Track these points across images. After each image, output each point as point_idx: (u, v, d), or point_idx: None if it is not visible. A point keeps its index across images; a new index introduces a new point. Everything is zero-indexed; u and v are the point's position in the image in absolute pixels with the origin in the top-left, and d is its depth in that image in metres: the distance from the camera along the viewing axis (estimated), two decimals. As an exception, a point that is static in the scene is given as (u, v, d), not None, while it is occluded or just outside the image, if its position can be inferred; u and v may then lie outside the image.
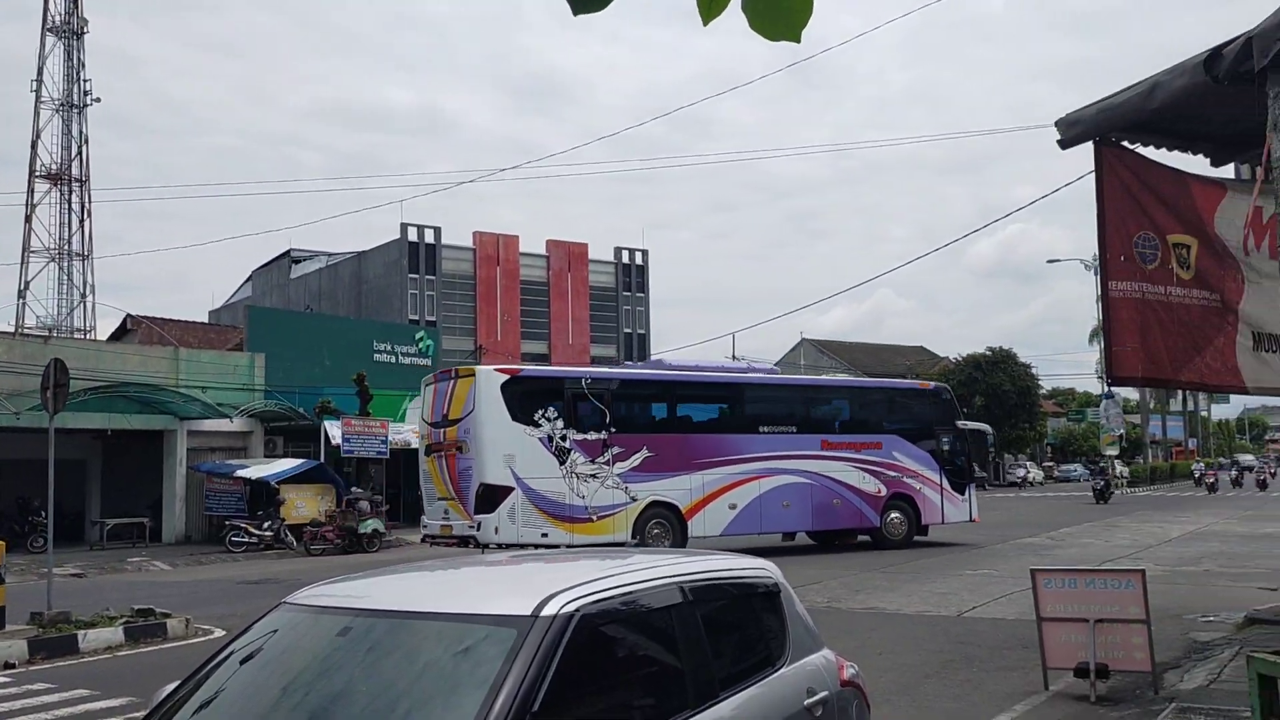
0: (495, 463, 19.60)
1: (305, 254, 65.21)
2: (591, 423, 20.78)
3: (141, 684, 9.80)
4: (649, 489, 21.06)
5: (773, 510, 22.52)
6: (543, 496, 19.92)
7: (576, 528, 20.10)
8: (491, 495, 19.51)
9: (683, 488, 21.42)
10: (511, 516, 19.55)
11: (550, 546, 19.06)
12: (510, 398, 20.02)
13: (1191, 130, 6.59)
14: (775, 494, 22.51)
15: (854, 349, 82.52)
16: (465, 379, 20.48)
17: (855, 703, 4.88)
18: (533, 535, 19.64)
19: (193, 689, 3.71)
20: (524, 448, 19.85)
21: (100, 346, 33.65)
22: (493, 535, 19.37)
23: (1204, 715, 7.77)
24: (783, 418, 23.33)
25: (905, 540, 23.73)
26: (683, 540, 21.23)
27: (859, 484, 23.45)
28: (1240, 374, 6.73)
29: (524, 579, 4.41)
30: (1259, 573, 17.29)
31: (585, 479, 20.40)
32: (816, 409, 24.38)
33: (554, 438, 20.24)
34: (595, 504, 20.47)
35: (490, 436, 19.72)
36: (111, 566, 24.10)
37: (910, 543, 23.76)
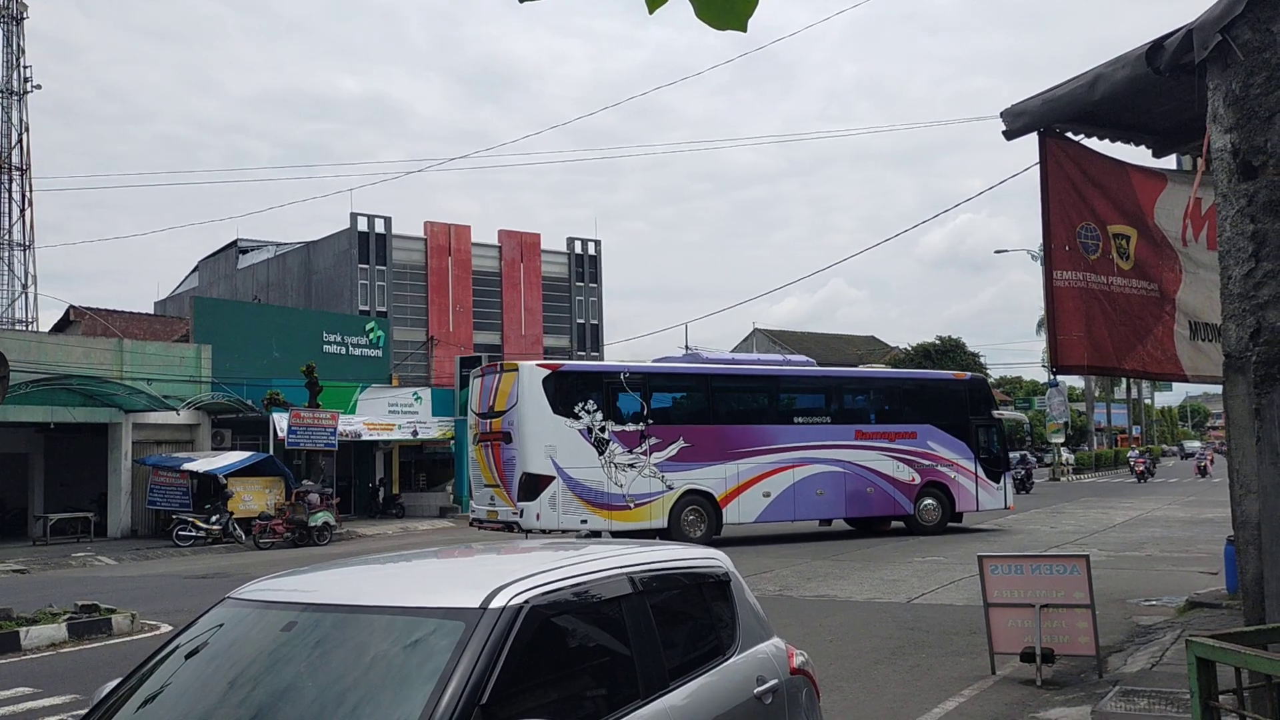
0: (537, 453, 20.70)
1: (253, 244, 64.42)
2: (629, 415, 21.75)
3: (85, 681, 9.66)
4: (685, 478, 21.91)
5: (806, 498, 23.13)
6: (582, 485, 20.98)
7: (615, 515, 21.15)
8: (534, 484, 20.62)
9: (718, 476, 22.18)
10: (552, 504, 20.66)
11: (594, 533, 20.73)
12: (551, 391, 21.07)
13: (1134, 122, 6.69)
14: (809, 482, 23.11)
15: (806, 339, 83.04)
16: (509, 373, 21.61)
17: (805, 690, 4.91)
18: (572, 522, 20.83)
19: (135, 685, 3.66)
20: (564, 439, 20.90)
21: (42, 338, 33.00)
22: (534, 522, 20.51)
23: (1147, 698, 7.91)
24: (817, 409, 23.98)
25: (939, 527, 24.15)
26: (718, 527, 22.16)
27: (892, 472, 23.91)
28: (1179, 362, 6.85)
29: (473, 571, 4.39)
30: (1200, 557, 17.63)
31: (623, 468, 21.37)
32: (850, 400, 24.74)
33: (593, 429, 21.22)
34: (632, 492, 21.41)
35: (532, 428, 20.81)
36: (55, 562, 23.67)
37: (944, 529, 24.18)
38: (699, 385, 23.55)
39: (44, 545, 27.63)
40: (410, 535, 30.40)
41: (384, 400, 37.50)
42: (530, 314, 61.88)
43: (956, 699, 8.63)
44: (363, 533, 30.40)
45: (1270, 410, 4.07)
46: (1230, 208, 4.39)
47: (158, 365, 32.02)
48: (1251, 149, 4.32)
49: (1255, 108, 4.32)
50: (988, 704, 8.43)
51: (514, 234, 62.08)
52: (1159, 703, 7.72)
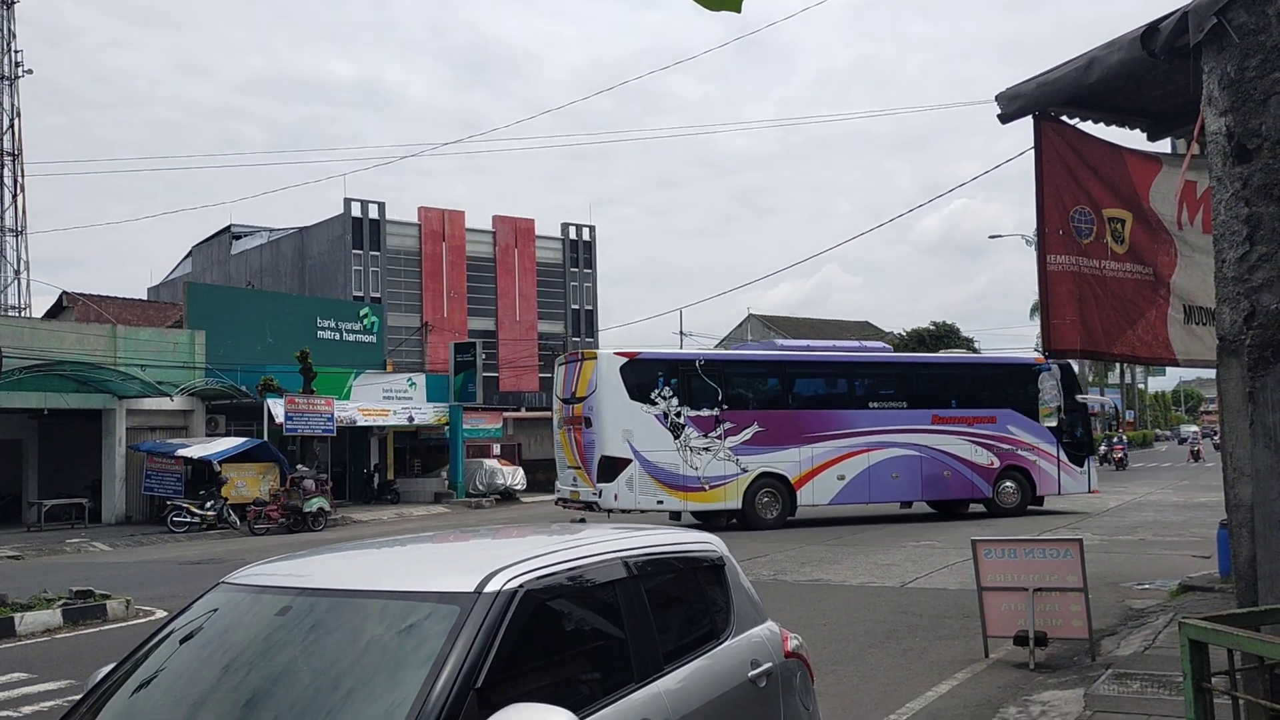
0: (615, 437, 21.81)
1: (246, 229, 64.25)
2: (705, 400, 22.45)
3: (80, 666, 9.67)
4: (759, 461, 22.60)
5: (882, 481, 23.50)
6: (658, 467, 21.97)
7: (690, 496, 22.19)
8: (611, 466, 21.82)
9: (792, 460, 22.80)
10: (629, 485, 21.81)
11: (674, 514, 22.37)
12: (629, 378, 22.11)
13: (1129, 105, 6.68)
14: (884, 466, 23.48)
15: (800, 324, 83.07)
16: (589, 361, 22.71)
17: (799, 673, 4.92)
18: (649, 502, 21.99)
19: (130, 670, 3.66)
20: (641, 423, 21.91)
21: (35, 324, 32.90)
22: (612, 502, 21.82)
23: (1139, 680, 7.95)
24: (893, 394, 24.23)
25: (1018, 509, 24.29)
26: (792, 508, 22.93)
27: (970, 456, 24.10)
28: (1171, 347, 6.86)
29: (468, 556, 4.39)
30: (1193, 541, 17.71)
31: (698, 451, 22.19)
32: (927, 385, 24.82)
33: (669, 414, 22.14)
34: (707, 474, 22.21)
35: (610, 413, 21.90)
36: (50, 548, 23.67)
37: (1024, 511, 24.32)
38: (774, 372, 24.24)
39: (38, 531, 27.61)
40: (405, 521, 30.42)
41: (378, 386, 37.47)
42: (525, 300, 61.83)
43: (950, 682, 8.66)
44: (358, 518, 30.42)
45: (1264, 394, 4.07)
46: (1225, 191, 4.38)
47: (151, 351, 31.96)
48: (1246, 132, 4.32)
49: (1250, 91, 4.32)
50: (981, 687, 8.47)
51: (508, 219, 61.97)
52: (1151, 685, 7.76)
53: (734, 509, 22.50)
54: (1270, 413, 4.04)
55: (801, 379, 24.24)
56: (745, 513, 22.41)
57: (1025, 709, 7.62)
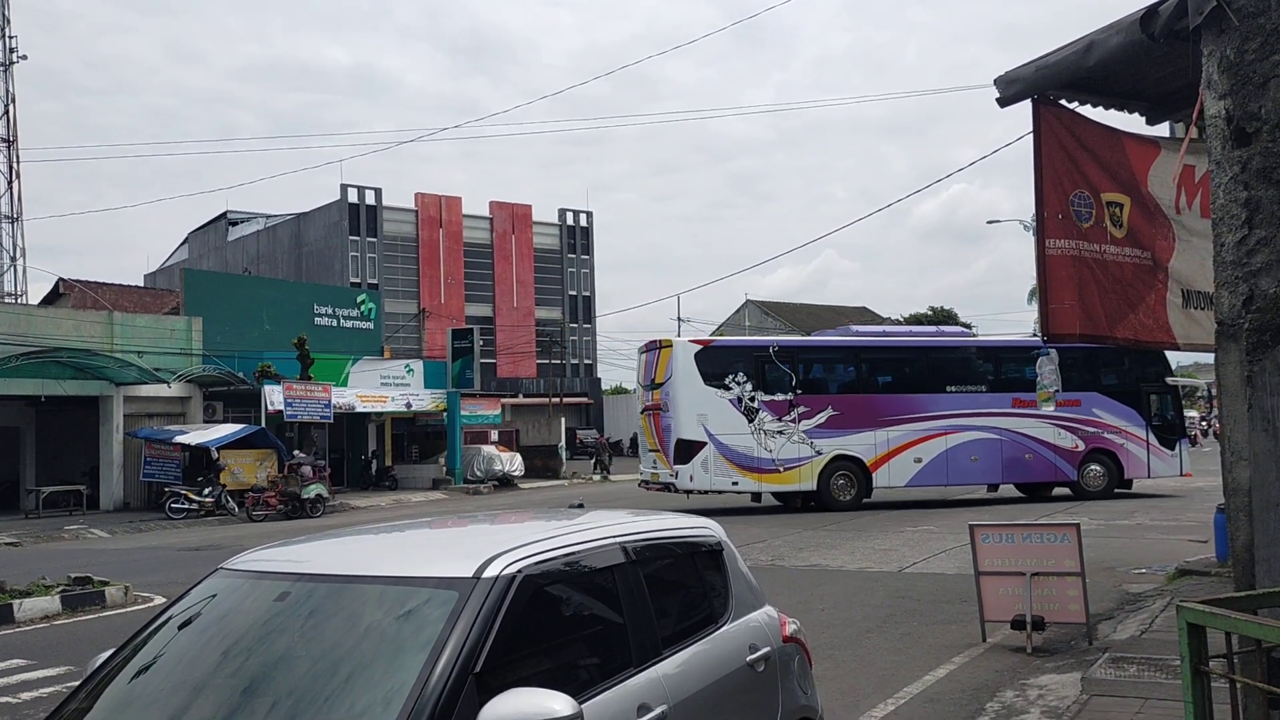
0: (689, 421, 22.66)
1: (242, 216, 64.13)
2: (779, 386, 23.10)
3: (78, 653, 9.68)
4: (834, 444, 23.16)
5: (960, 464, 23.70)
6: (732, 450, 22.69)
7: (764, 477, 22.95)
8: (687, 449, 22.65)
9: (867, 443, 23.23)
10: (704, 467, 22.64)
11: (755, 495, 23.70)
12: (703, 365, 22.90)
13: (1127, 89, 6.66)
14: (962, 449, 23.68)
15: (797, 310, 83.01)
16: (666, 349, 23.51)
17: (797, 658, 4.94)
18: (724, 483, 22.82)
19: (129, 656, 3.65)
20: (715, 408, 22.67)
21: (32, 311, 32.84)
22: (688, 483, 22.78)
23: (1136, 664, 7.97)
24: (971, 378, 24.38)
25: (1105, 492, 24.30)
26: (868, 490, 23.43)
27: (1053, 439, 24.12)
28: (1171, 331, 6.85)
29: (466, 541, 4.39)
30: (1189, 525, 17.74)
31: (772, 434, 22.85)
32: (1007, 369, 24.84)
33: (743, 399, 22.78)
34: (781, 457, 22.90)
35: (685, 399, 22.74)
36: (48, 535, 23.69)
37: (1111, 494, 24.33)
38: (849, 357, 24.61)
39: (36, 518, 27.63)
40: (403, 507, 30.45)
41: (376, 372, 37.46)
42: (522, 286, 61.80)
43: (947, 666, 8.69)
44: (356, 505, 30.45)
45: (1262, 377, 4.07)
46: (1224, 174, 4.37)
47: (148, 338, 31.92)
48: (1245, 115, 4.31)
49: (1250, 74, 4.30)
50: (978, 671, 8.49)
51: (505, 205, 61.88)
52: (1148, 669, 7.78)
53: (808, 490, 23.12)
54: (1268, 396, 4.04)
55: (877, 364, 24.48)
56: (820, 494, 22.99)
57: (1022, 693, 7.64)
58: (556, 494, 33.67)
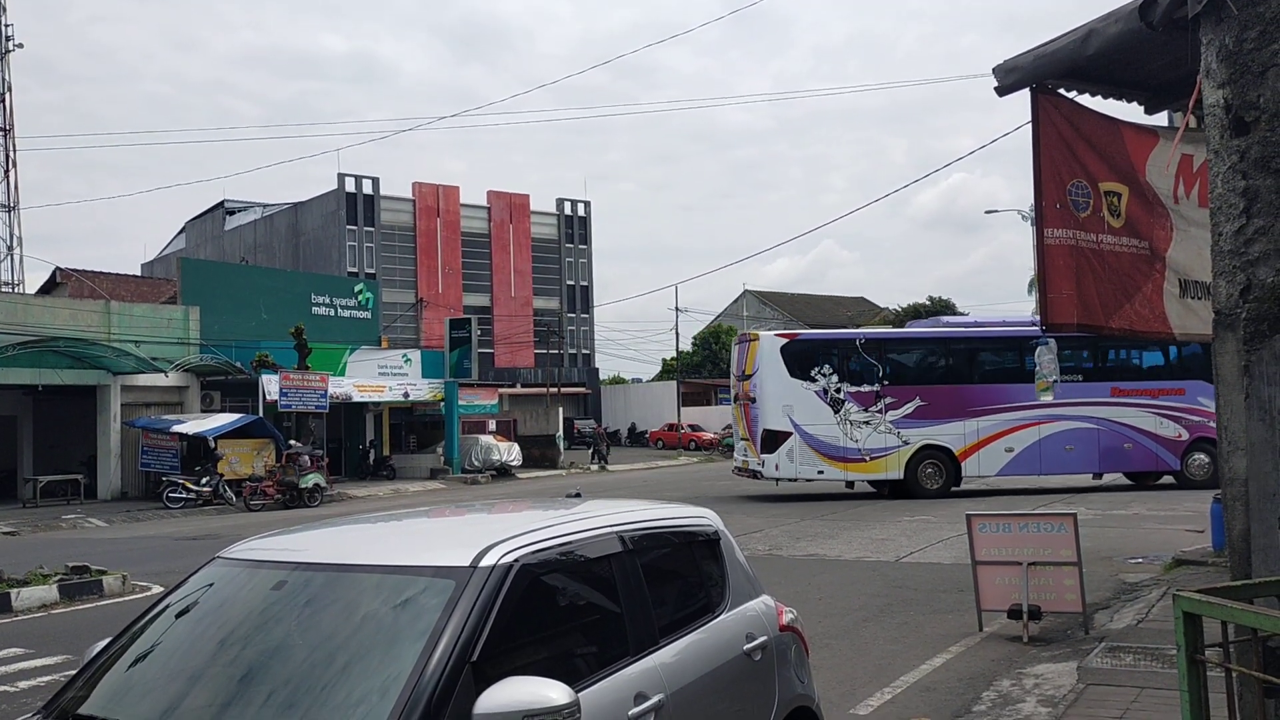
0: (775, 412, 23.43)
1: (239, 205, 63.99)
2: (865, 377, 23.66)
3: (76, 642, 9.69)
4: (921, 434, 23.54)
5: (1054, 453, 23.71)
6: (818, 440, 23.37)
7: (850, 466, 23.56)
8: (773, 439, 23.45)
9: (956, 433, 23.47)
10: (790, 456, 23.36)
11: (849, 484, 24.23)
12: (788, 358, 23.63)
13: (1126, 78, 6.62)
14: (1057, 438, 23.71)
15: (796, 300, 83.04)
16: (754, 342, 24.48)
17: (794, 647, 4.94)
18: (809, 472, 23.54)
19: (126, 644, 3.65)
20: (801, 399, 23.36)
21: (29, 300, 32.80)
22: (774, 471, 23.60)
23: (1132, 653, 7.99)
24: (1067, 368, 24.07)
25: (1211, 482, 23.82)
26: (957, 479, 23.73)
27: (1155, 429, 24.05)
28: (1168, 321, 6.83)
29: (463, 530, 4.39)
30: (1186, 515, 17.77)
31: (858, 425, 23.44)
32: (1103, 358, 24.84)
33: (829, 390, 23.45)
34: (868, 446, 23.46)
35: (770, 390, 23.50)
36: (45, 524, 23.70)
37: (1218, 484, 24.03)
38: (937, 349, 24.80)
39: (34, 507, 27.64)
40: (401, 497, 30.49)
41: (373, 362, 37.45)
42: (520, 275, 61.73)
43: (944, 655, 8.71)
44: (353, 494, 30.47)
45: (1259, 367, 4.07)
46: (1222, 164, 4.36)
47: (145, 327, 31.90)
48: (1244, 104, 4.29)
49: (1249, 63, 4.29)
50: (975, 660, 8.51)
51: (503, 195, 61.79)
52: (1144, 658, 7.80)
53: (895, 479, 23.48)
54: (1265, 386, 4.04)
55: (968, 355, 24.57)
56: (907, 483, 23.33)
57: (1019, 682, 7.66)
58: (554, 483, 33.70)
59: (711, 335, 72.40)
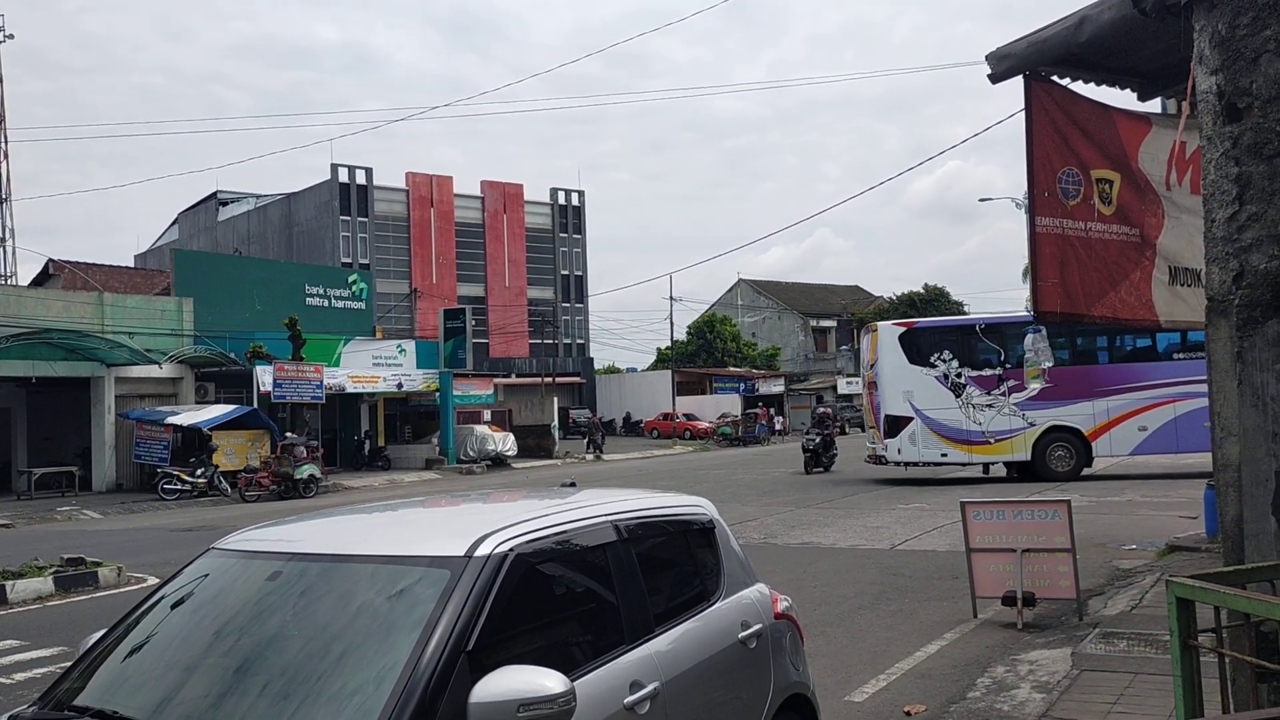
0: (895, 398, 23.99)
1: (233, 196, 63.83)
2: (986, 361, 23.84)
3: (72, 633, 9.69)
4: (1048, 415, 23.49)
5: (1191, 431, 23.21)
6: (940, 424, 23.73)
7: (974, 449, 23.80)
8: (895, 424, 24.04)
9: (1085, 413, 23.42)
10: (912, 440, 23.88)
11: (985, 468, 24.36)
12: (906, 345, 24.12)
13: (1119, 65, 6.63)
14: (1193, 416, 23.14)
15: (790, 289, 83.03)
16: (874, 332, 25.25)
17: (789, 634, 4.96)
18: (932, 455, 24.00)
19: (121, 635, 3.65)
20: (921, 385, 23.79)
21: (21, 292, 32.71)
22: (897, 455, 24.11)
23: (1126, 639, 8.02)
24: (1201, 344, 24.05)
25: None
26: (1088, 460, 23.62)
27: None
28: (1154, 308, 6.86)
29: (458, 520, 4.39)
30: (1180, 502, 17.81)
31: (981, 408, 23.59)
32: None
33: (949, 375, 23.75)
34: (992, 429, 23.62)
35: (890, 377, 24.14)
36: (40, 516, 23.67)
37: None
38: (1061, 332, 24.53)
39: (28, 500, 27.61)
40: (396, 487, 30.48)
41: (368, 353, 37.42)
42: (514, 265, 61.66)
43: (938, 642, 8.73)
44: (349, 485, 30.46)
45: (1252, 353, 4.08)
46: (1215, 150, 4.36)
47: (139, 319, 31.84)
48: (1237, 90, 4.29)
49: (1241, 49, 4.29)
50: (969, 647, 8.54)
51: (497, 185, 61.67)
52: (1138, 644, 7.83)
53: (1021, 461, 23.59)
54: (1258, 372, 4.05)
55: (1092, 336, 24.42)
56: (1034, 464, 23.32)
57: (1013, 668, 7.68)
58: (549, 473, 33.71)
59: (706, 324, 72.36)
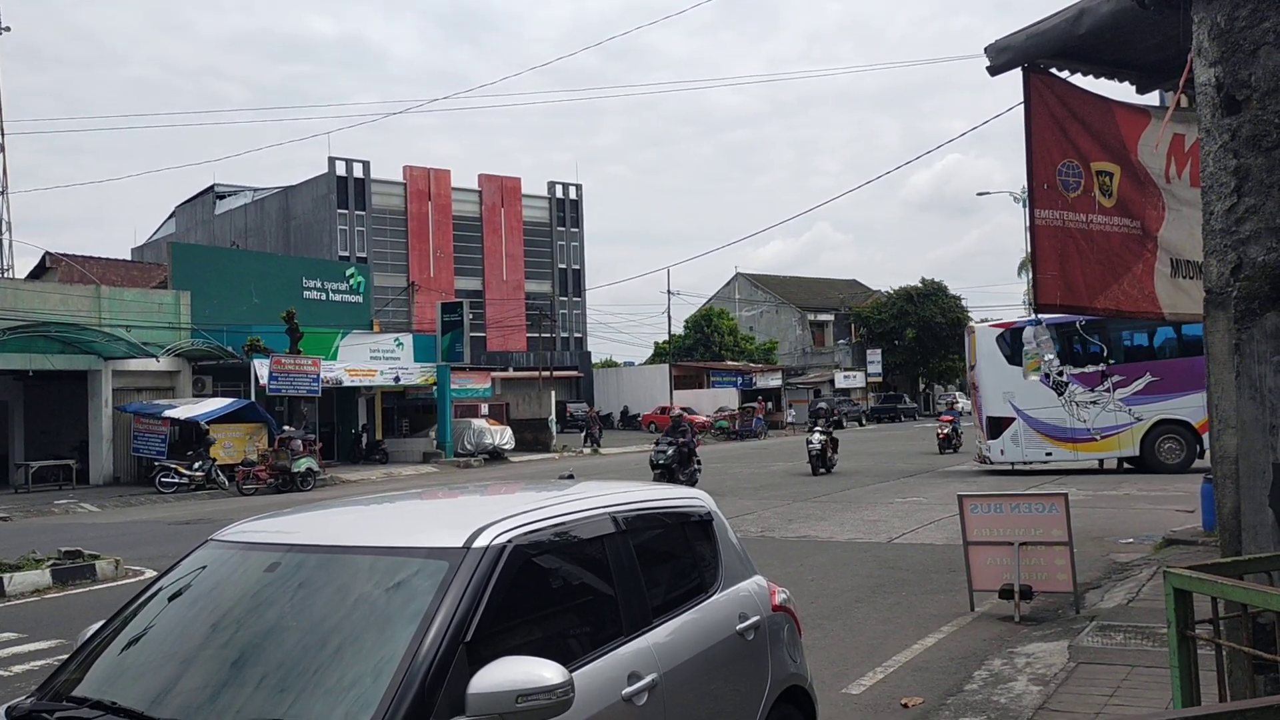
0: (996, 399, 24.00)
1: (230, 189, 63.74)
2: (1088, 359, 23.57)
3: (70, 626, 9.68)
4: (1155, 409, 23.21)
5: None
6: (1042, 423, 23.56)
7: (1080, 446, 23.55)
8: (996, 425, 24.03)
9: (1194, 405, 22.83)
10: (1014, 440, 23.79)
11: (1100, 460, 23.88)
12: (1004, 346, 24.06)
13: (1118, 57, 6.63)
14: None
15: (787, 282, 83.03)
16: (972, 335, 25.52)
17: (786, 627, 4.96)
18: (1036, 454, 23.79)
19: (119, 627, 3.65)
20: (1021, 385, 23.60)
21: (18, 285, 32.65)
22: (1000, 456, 24.03)
23: (1123, 632, 8.04)
24: None
25: None
26: (1201, 451, 23.03)
27: None
28: (1157, 301, 6.86)
29: (456, 511, 4.39)
30: (1177, 495, 17.84)
31: (1085, 405, 23.35)
32: None
33: (1050, 374, 23.42)
34: (1097, 425, 23.36)
35: (989, 379, 24.22)
36: (38, 509, 23.65)
37: None
38: (1168, 324, 24.53)
39: (26, 493, 27.59)
40: (394, 481, 30.47)
41: (365, 346, 37.38)
42: (511, 259, 61.65)
43: (935, 635, 8.74)
44: (346, 478, 30.45)
45: (1250, 345, 4.08)
46: (1213, 143, 4.36)
47: (136, 312, 31.80)
48: (1235, 83, 4.29)
49: (1240, 41, 4.28)
50: (966, 640, 8.55)
51: (494, 178, 61.63)
52: (1135, 637, 7.85)
53: (1130, 456, 23.53)
54: (1256, 364, 4.06)
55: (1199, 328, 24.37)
56: (1144, 459, 23.25)
57: (1010, 661, 7.70)
58: (547, 466, 33.72)
59: (703, 318, 72.35)
